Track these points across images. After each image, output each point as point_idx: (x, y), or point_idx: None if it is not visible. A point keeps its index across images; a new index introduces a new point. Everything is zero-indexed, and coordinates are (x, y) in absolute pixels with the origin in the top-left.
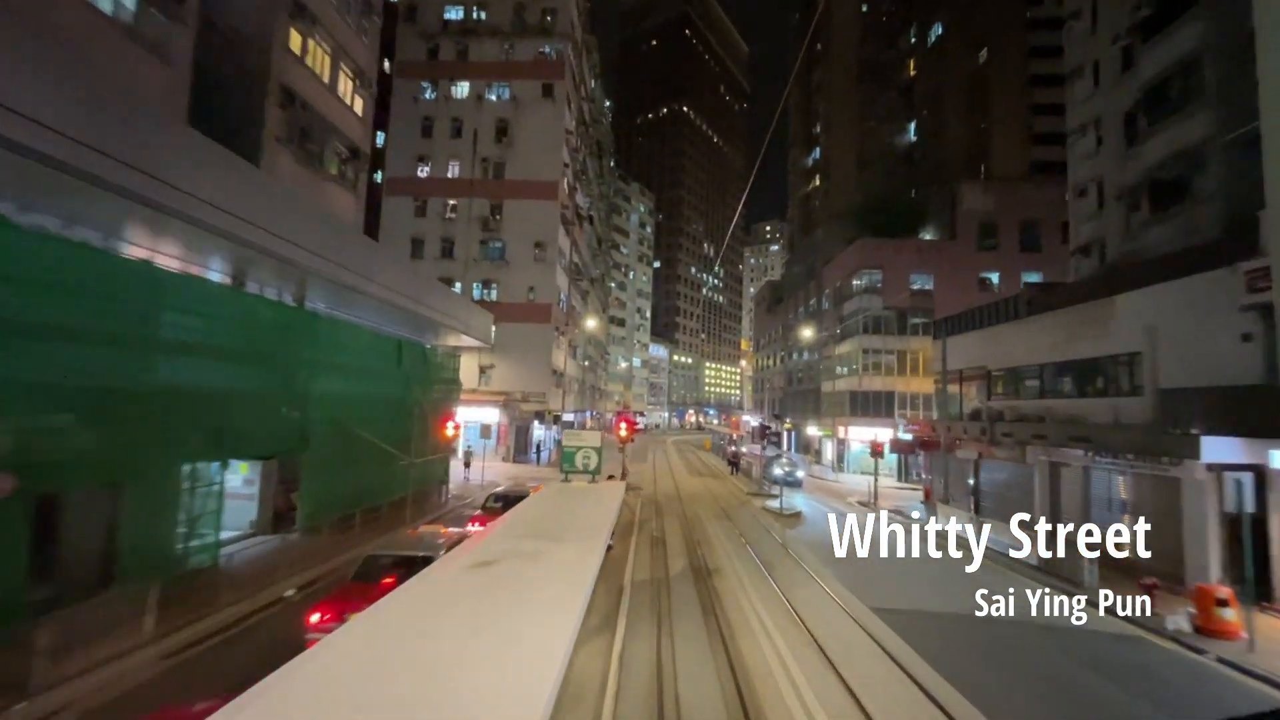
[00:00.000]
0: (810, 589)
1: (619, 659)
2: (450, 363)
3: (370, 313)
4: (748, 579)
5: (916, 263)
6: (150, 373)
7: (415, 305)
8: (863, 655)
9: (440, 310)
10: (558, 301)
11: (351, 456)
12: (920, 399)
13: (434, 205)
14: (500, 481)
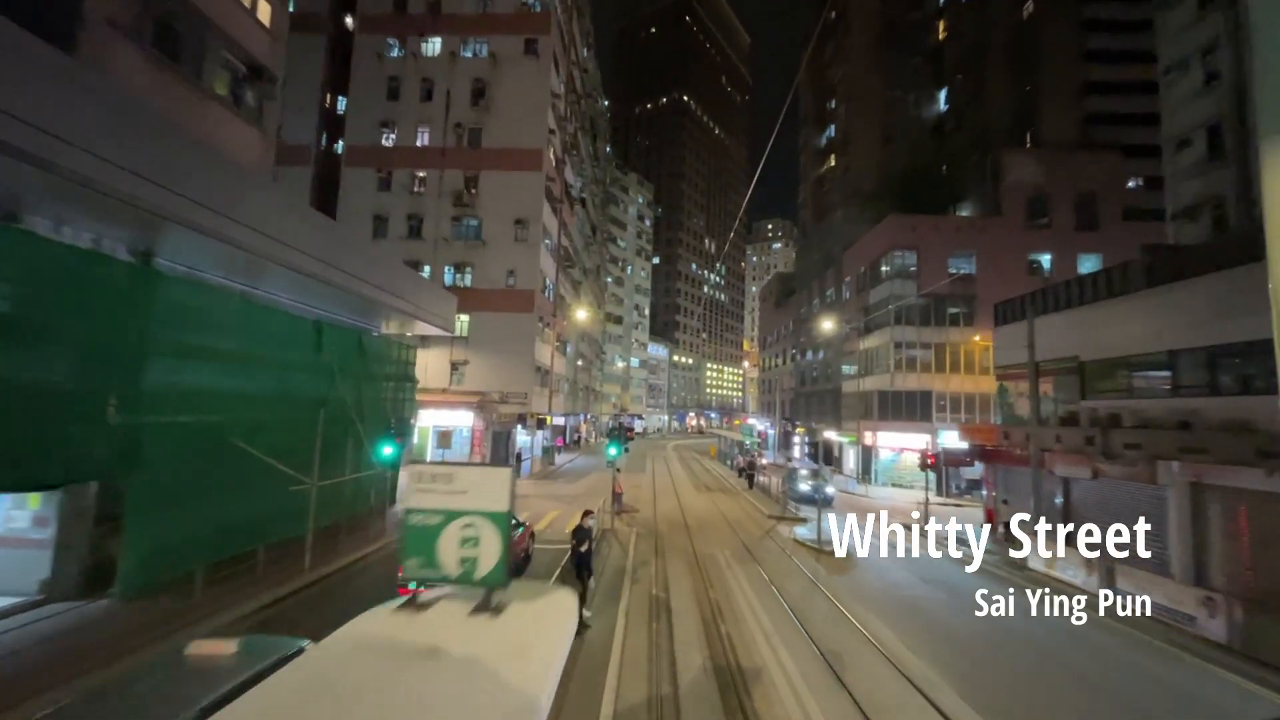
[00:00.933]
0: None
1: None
2: (401, 354)
3: (289, 287)
4: (813, 697)
5: (956, 243)
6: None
7: (348, 281)
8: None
9: (382, 286)
10: (542, 288)
11: (222, 479)
12: (962, 400)
13: (400, 178)
14: None
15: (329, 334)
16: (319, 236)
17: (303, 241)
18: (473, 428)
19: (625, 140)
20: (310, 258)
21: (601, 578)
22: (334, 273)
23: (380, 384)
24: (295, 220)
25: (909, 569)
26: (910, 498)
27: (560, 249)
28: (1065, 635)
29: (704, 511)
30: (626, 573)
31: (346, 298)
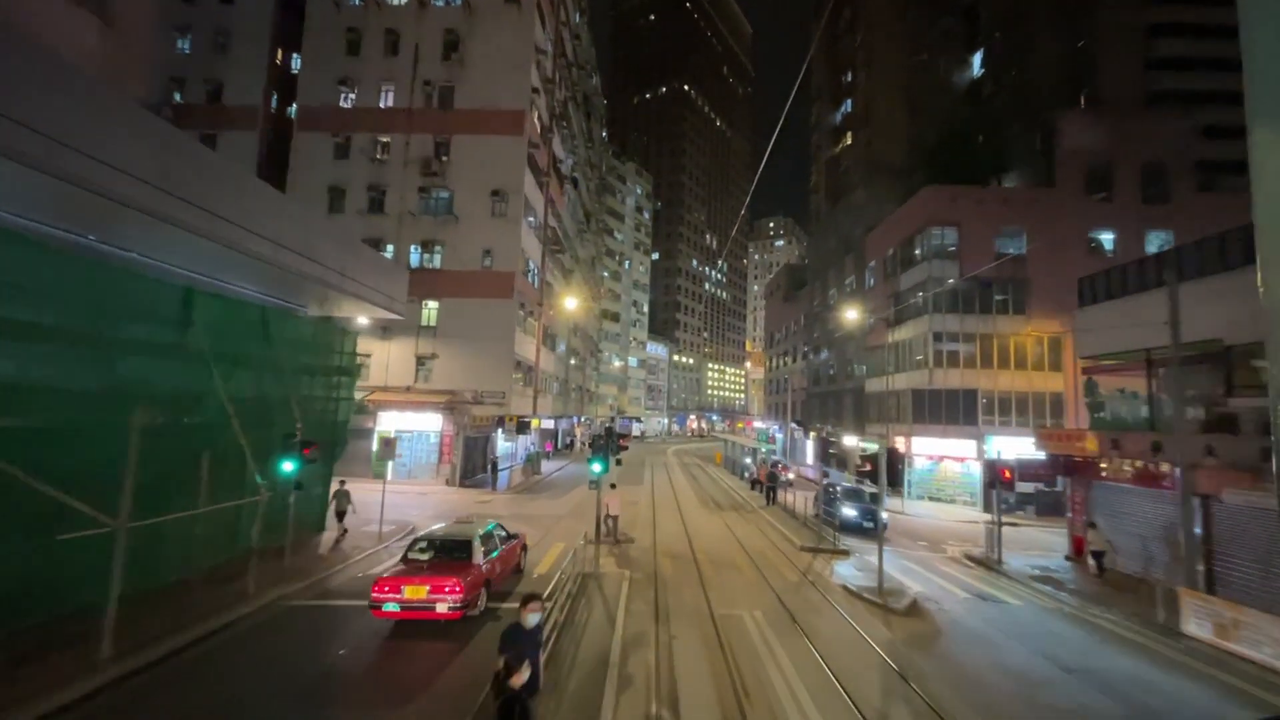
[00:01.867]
0: None
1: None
2: (334, 341)
3: (147, 241)
4: None
5: (1003, 217)
6: None
7: (229, 233)
8: None
9: (287, 244)
10: (524, 270)
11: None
12: (1013, 400)
13: (360, 143)
14: (386, 545)
15: (206, 307)
16: (182, 167)
17: (144, 168)
18: (441, 432)
19: (623, 133)
20: (165, 194)
21: (572, 673)
22: (205, 220)
23: (300, 378)
24: (136, 139)
25: (1017, 637)
26: (953, 514)
27: (547, 229)
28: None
29: (717, 540)
30: (612, 664)
31: (238, 261)
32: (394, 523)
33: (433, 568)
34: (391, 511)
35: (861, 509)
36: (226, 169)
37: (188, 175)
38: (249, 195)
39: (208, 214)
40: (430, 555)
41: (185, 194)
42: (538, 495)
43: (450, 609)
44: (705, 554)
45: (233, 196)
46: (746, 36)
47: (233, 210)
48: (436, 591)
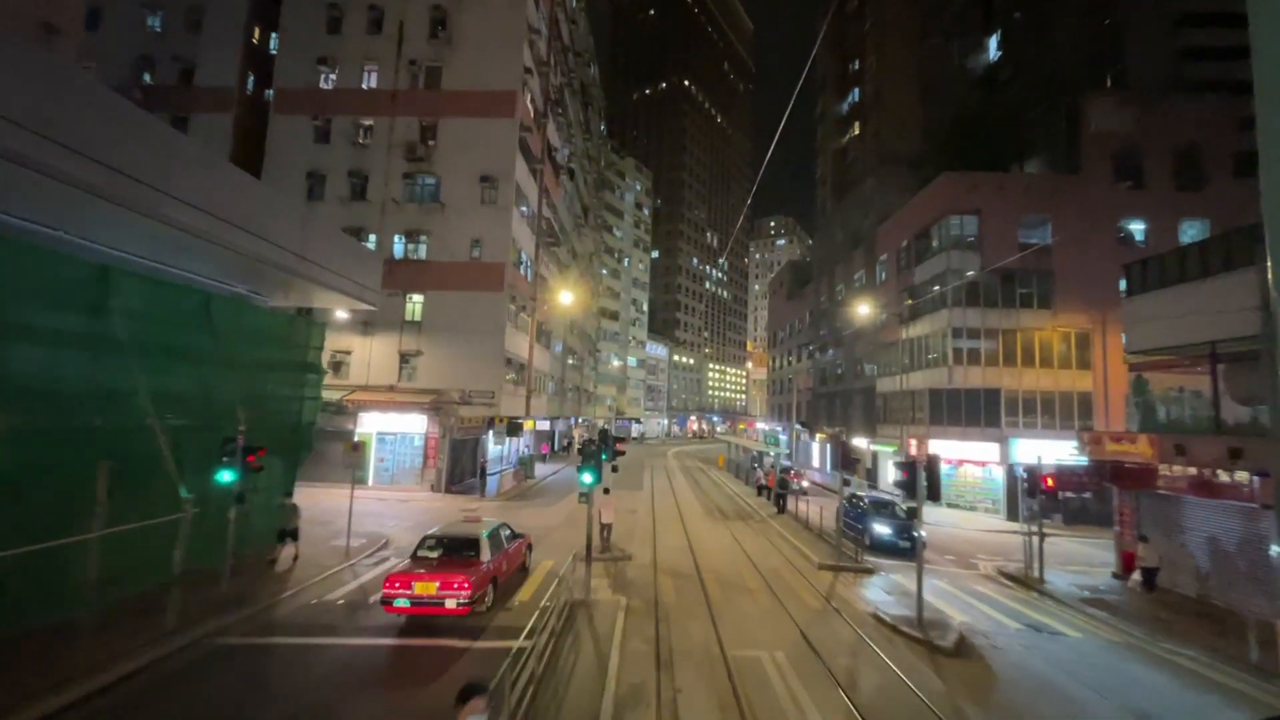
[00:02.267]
0: None
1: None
2: (295, 333)
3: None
4: None
5: (1026, 205)
6: None
7: (158, 205)
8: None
9: (229, 219)
10: (515, 261)
11: None
12: (1038, 400)
13: (341, 127)
14: (352, 563)
15: (128, 289)
16: (69, 107)
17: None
18: (426, 435)
19: (622, 129)
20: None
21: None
22: (103, 176)
23: (254, 374)
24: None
25: (1092, 685)
26: (975, 523)
27: (540, 219)
28: None
29: (725, 557)
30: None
31: (176, 240)
32: (365, 536)
33: (442, 565)
34: (367, 522)
35: (896, 526)
36: (145, 122)
37: (75, 117)
38: (179, 157)
39: (106, 169)
40: (439, 553)
41: (69, 140)
42: (529, 502)
43: (459, 605)
44: (712, 573)
45: (154, 155)
46: (747, 33)
47: (152, 171)
48: (446, 588)
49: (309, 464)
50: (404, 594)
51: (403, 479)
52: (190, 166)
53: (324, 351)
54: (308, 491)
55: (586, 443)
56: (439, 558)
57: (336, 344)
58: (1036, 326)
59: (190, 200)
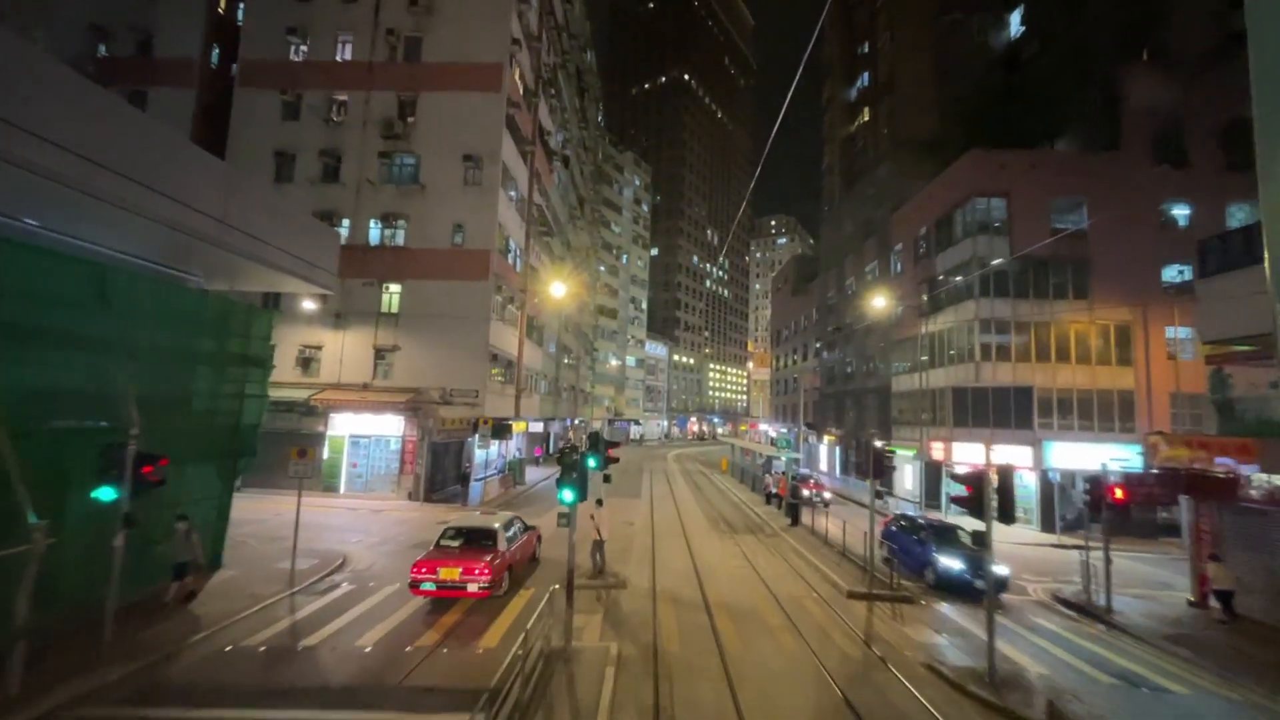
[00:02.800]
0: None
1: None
2: (237, 321)
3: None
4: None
5: (1060, 187)
6: None
7: None
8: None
9: (124, 171)
10: (502, 249)
11: None
12: (1075, 400)
13: (313, 102)
14: (293, 591)
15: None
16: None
17: None
18: (403, 437)
19: (621, 124)
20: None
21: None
22: None
23: (166, 365)
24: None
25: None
26: (1006, 534)
27: (531, 206)
28: None
29: (735, 580)
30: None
31: (27, 188)
32: (319, 555)
33: (463, 553)
34: (327, 537)
35: (968, 559)
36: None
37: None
38: (29, 73)
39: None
40: (460, 542)
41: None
42: (517, 510)
43: (480, 589)
44: (723, 603)
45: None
46: (748, 28)
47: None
48: (468, 573)
49: (275, 471)
50: (430, 579)
51: (378, 486)
52: (49, 89)
53: (276, 343)
54: (271, 501)
55: (565, 451)
56: (460, 546)
57: (306, 338)
58: (1071, 319)
59: (51, 136)
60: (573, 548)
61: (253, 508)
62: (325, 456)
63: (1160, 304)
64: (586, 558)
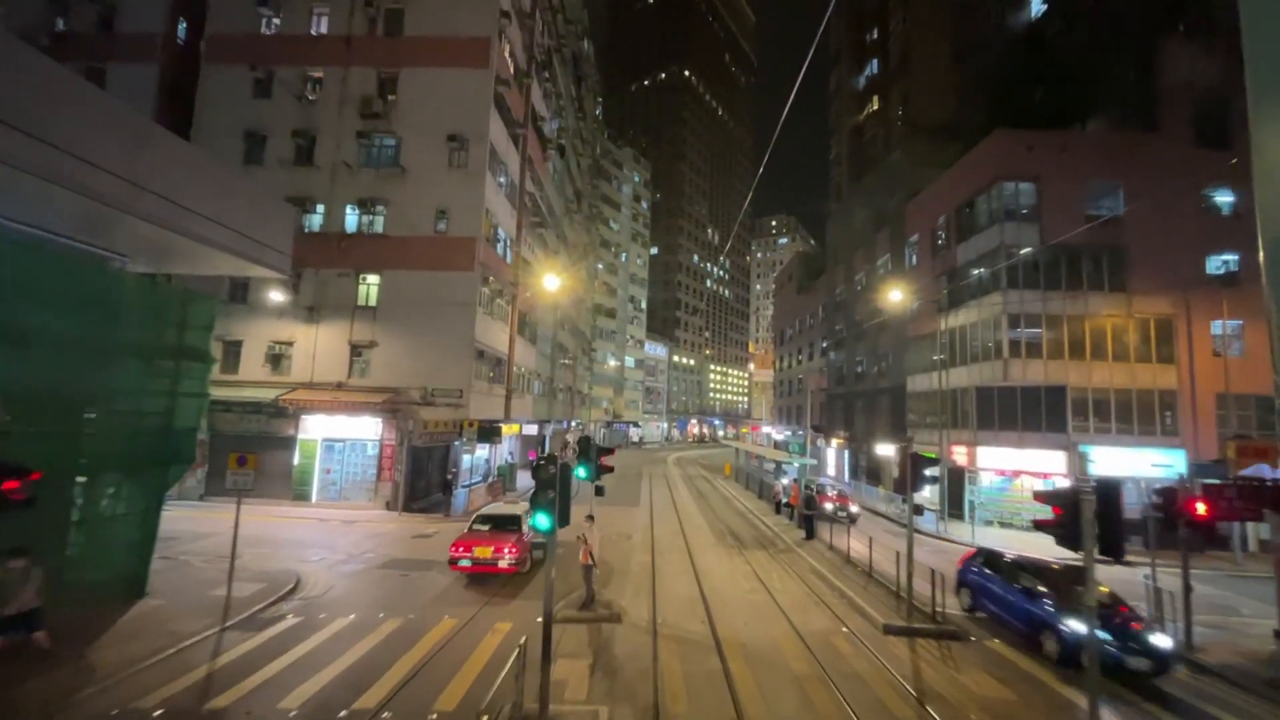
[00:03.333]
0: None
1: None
2: (168, 308)
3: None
4: None
5: (1094, 169)
6: None
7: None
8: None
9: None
10: (490, 238)
11: None
12: (1112, 401)
13: (286, 79)
14: (226, 626)
15: None
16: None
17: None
18: (381, 441)
19: (620, 121)
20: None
21: None
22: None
23: (60, 355)
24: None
25: None
26: (1036, 547)
27: (523, 194)
28: None
29: (751, 611)
30: None
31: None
32: (266, 579)
33: (493, 535)
34: (286, 553)
35: (1118, 627)
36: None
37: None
38: None
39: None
40: (489, 526)
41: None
42: None
43: (509, 565)
44: (737, 642)
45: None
46: (750, 25)
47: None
48: (499, 552)
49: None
50: (467, 556)
51: (353, 494)
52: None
53: (243, 339)
54: (241, 511)
55: (541, 463)
56: (490, 530)
57: (276, 333)
58: (1108, 312)
59: None
60: (550, 586)
61: (211, 520)
62: (296, 462)
63: (1204, 296)
64: (579, 579)
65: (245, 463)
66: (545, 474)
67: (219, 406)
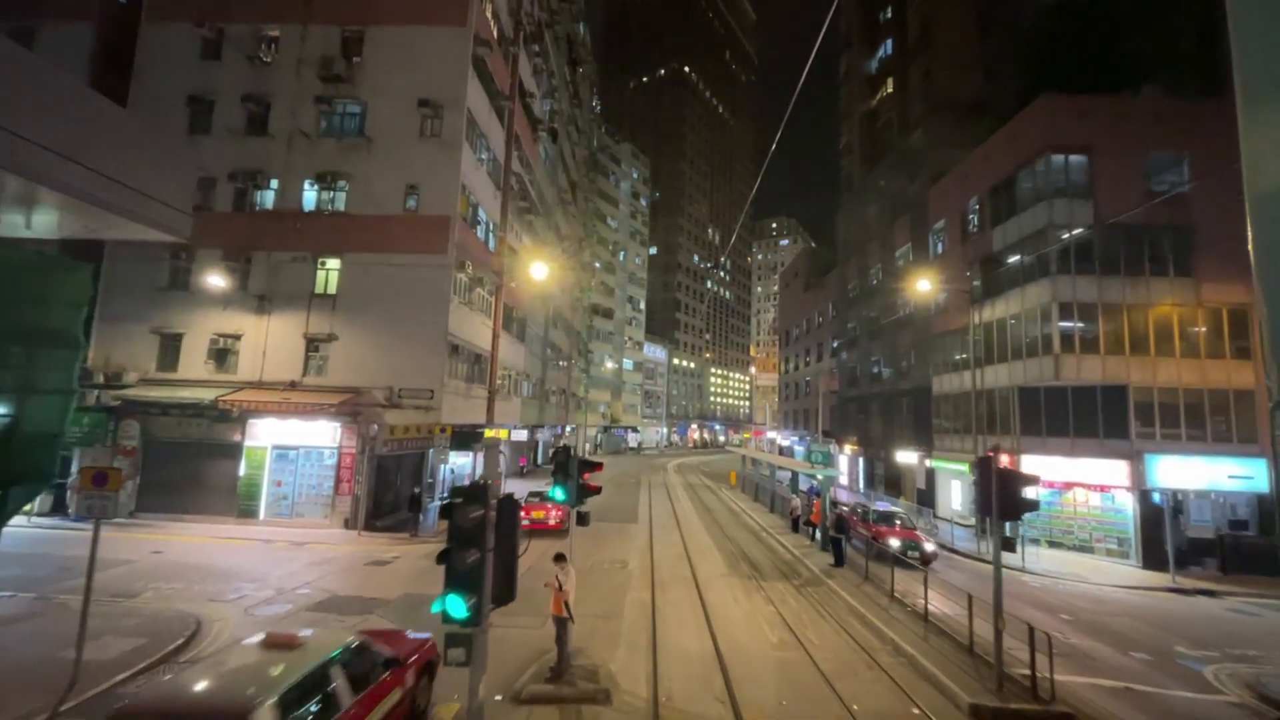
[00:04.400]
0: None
1: None
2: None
3: None
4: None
5: (1155, 139)
6: None
7: None
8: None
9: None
10: (468, 218)
11: None
12: (1181, 402)
13: (237, 37)
14: (66, 708)
15: None
16: None
17: None
18: (340, 449)
19: (618, 118)
20: None
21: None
22: None
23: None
24: None
25: None
26: (1099, 572)
27: (509, 175)
28: None
29: (784, 680)
30: None
31: None
32: (153, 629)
33: (542, 503)
34: (204, 587)
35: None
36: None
37: None
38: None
39: None
40: (539, 499)
41: None
42: None
43: (555, 523)
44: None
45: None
46: (750, 22)
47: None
48: (547, 514)
49: (180, 492)
50: (526, 517)
51: (308, 510)
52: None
53: (151, 327)
54: (171, 531)
55: (454, 500)
56: (539, 500)
57: (221, 325)
58: (1174, 300)
59: None
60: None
61: (136, 543)
62: (242, 473)
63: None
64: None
65: (104, 481)
66: (466, 525)
67: (154, 409)
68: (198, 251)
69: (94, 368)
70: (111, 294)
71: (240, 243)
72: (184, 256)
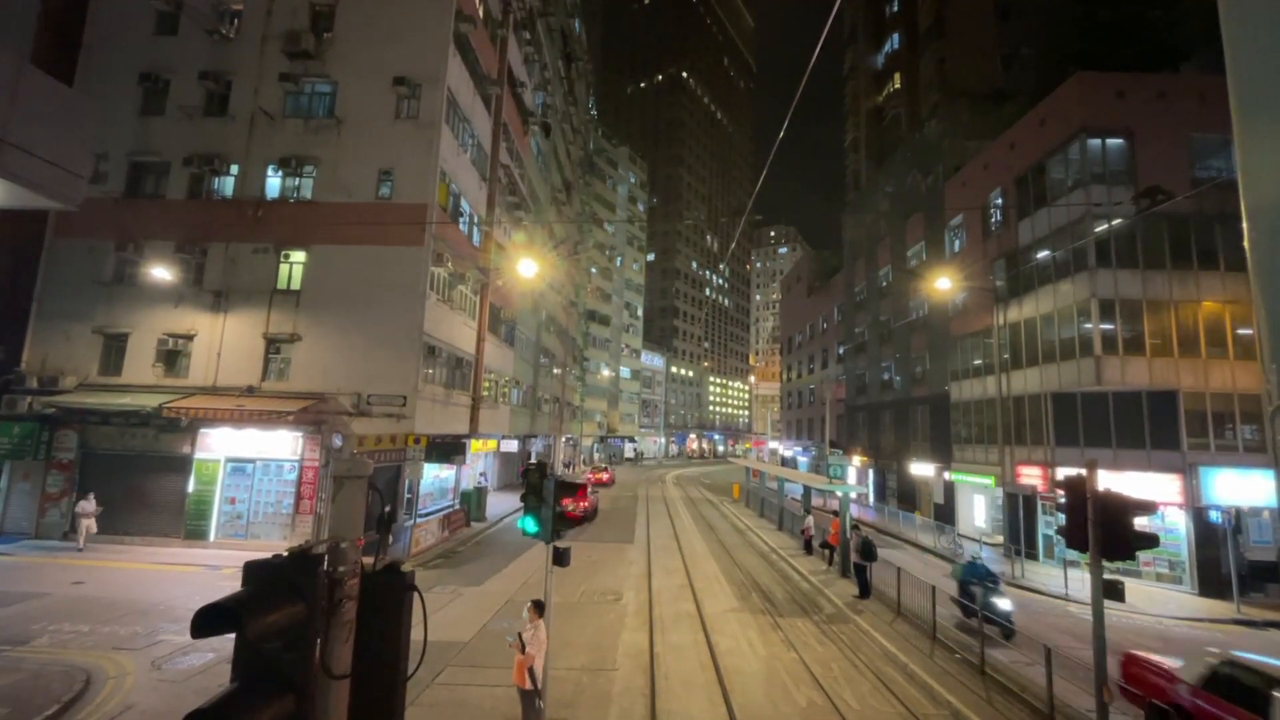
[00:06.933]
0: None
1: None
2: None
3: None
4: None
5: (1199, 120)
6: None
7: None
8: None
9: None
10: (448, 208)
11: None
12: (1235, 408)
13: (195, 9)
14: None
15: None
16: None
17: None
18: (301, 462)
19: (616, 123)
20: None
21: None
22: None
23: None
24: None
25: None
26: (1151, 601)
27: (496, 165)
28: None
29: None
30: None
31: None
32: (22, 689)
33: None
34: (117, 628)
35: None
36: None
37: None
38: None
39: None
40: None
41: None
42: (453, 572)
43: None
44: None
45: None
46: (748, 29)
47: None
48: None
49: (121, 512)
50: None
51: (266, 531)
52: None
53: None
54: (110, 553)
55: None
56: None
57: (171, 324)
58: (1226, 297)
59: None
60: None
61: (65, 569)
62: (191, 489)
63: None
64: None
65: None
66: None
67: (93, 418)
68: (147, 243)
69: (27, 371)
70: (49, 289)
71: (195, 233)
72: (131, 248)
